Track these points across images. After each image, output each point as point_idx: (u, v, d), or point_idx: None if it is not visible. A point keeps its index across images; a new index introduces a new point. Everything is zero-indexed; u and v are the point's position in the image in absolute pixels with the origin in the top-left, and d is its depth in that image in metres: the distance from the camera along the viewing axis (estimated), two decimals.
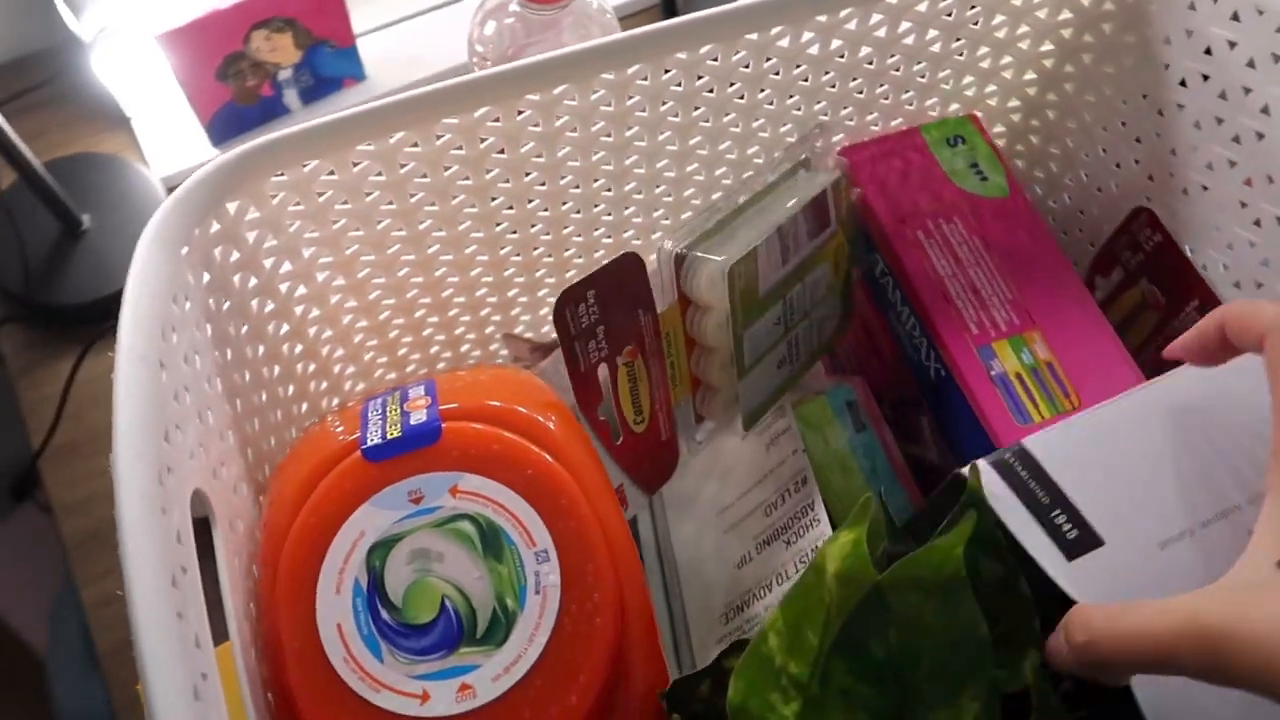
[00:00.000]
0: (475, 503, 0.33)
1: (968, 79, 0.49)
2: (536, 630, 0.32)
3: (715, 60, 0.41)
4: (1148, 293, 0.48)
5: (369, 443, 0.33)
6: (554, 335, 0.52)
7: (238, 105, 0.64)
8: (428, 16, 0.73)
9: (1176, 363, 0.35)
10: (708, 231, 0.42)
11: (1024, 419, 0.43)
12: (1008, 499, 0.33)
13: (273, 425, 0.41)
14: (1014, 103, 0.52)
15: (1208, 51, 0.42)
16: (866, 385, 0.49)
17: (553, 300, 0.50)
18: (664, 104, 0.42)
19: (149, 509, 0.27)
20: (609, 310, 0.38)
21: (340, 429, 0.35)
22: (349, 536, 0.32)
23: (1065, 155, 0.52)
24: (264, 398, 0.41)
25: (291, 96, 0.66)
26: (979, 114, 0.51)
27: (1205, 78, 0.43)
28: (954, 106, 0.50)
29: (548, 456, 0.34)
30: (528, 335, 0.53)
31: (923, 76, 0.48)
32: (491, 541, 0.32)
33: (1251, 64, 0.40)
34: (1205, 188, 0.45)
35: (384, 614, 0.31)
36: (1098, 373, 0.44)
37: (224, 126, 0.65)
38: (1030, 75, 0.49)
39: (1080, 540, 0.33)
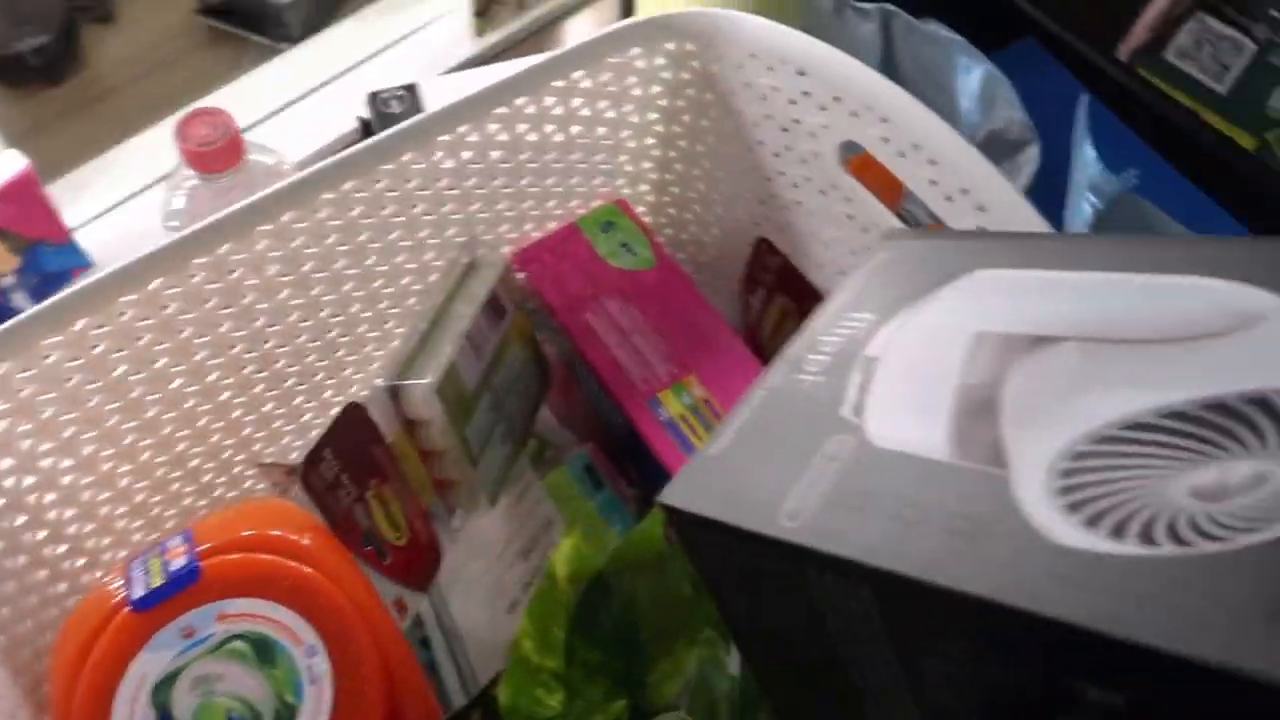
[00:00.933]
0: (242, 623, 0.37)
1: (597, 179, 0.57)
2: (317, 712, 0.36)
3: (362, 192, 0.48)
4: (785, 304, 0.57)
5: (135, 596, 0.37)
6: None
7: None
8: (150, 192, 0.78)
9: None
10: (408, 358, 0.48)
11: (691, 452, 0.50)
12: None
13: (29, 609, 0.45)
14: (644, 187, 0.61)
15: (763, 98, 0.51)
16: (597, 446, 0.56)
17: (291, 426, 0.55)
18: (327, 239, 0.48)
19: None
20: (347, 458, 0.43)
21: (106, 592, 0.39)
22: (131, 684, 0.36)
23: (699, 210, 0.61)
24: (12, 587, 0.44)
25: (21, 298, 0.69)
26: (625, 197, 0.59)
27: (769, 117, 0.52)
28: (595, 203, 0.59)
29: (302, 566, 0.39)
30: (279, 461, 0.58)
31: (559, 186, 0.56)
32: (264, 651, 0.37)
33: (792, 101, 0.50)
34: (799, 203, 0.54)
35: None
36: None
37: None
38: (649, 141, 0.58)
39: None
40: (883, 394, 0.32)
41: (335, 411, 0.43)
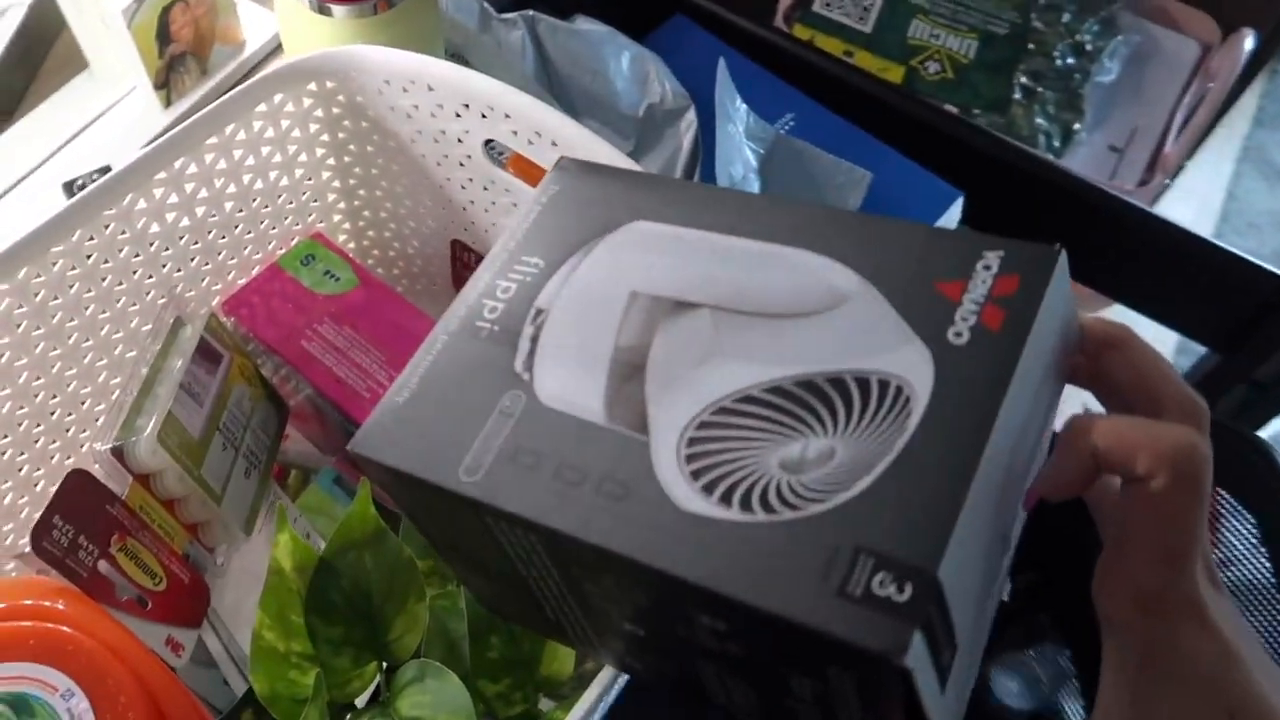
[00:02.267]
0: None
1: (289, 219, 0.62)
2: None
3: (40, 276, 0.50)
4: None
5: None
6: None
7: None
8: None
9: None
10: (126, 420, 0.51)
11: None
12: (925, 667, 0.27)
13: None
14: (337, 217, 0.65)
15: (409, 115, 0.57)
16: (344, 459, 0.60)
17: (25, 500, 0.57)
18: (19, 327, 0.51)
19: None
20: (80, 522, 0.46)
21: None
22: None
23: (395, 227, 0.66)
24: None
25: None
26: (321, 229, 0.64)
27: (421, 132, 0.58)
28: (295, 240, 0.63)
29: (47, 624, 0.42)
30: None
31: (250, 232, 0.60)
32: (22, 707, 0.40)
33: (433, 114, 0.56)
34: (473, 202, 0.60)
35: None
36: None
37: None
38: (326, 175, 0.62)
39: (950, 657, 0.29)
40: (549, 349, 0.34)
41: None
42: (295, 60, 0.55)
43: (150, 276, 0.56)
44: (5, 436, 0.53)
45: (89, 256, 0.52)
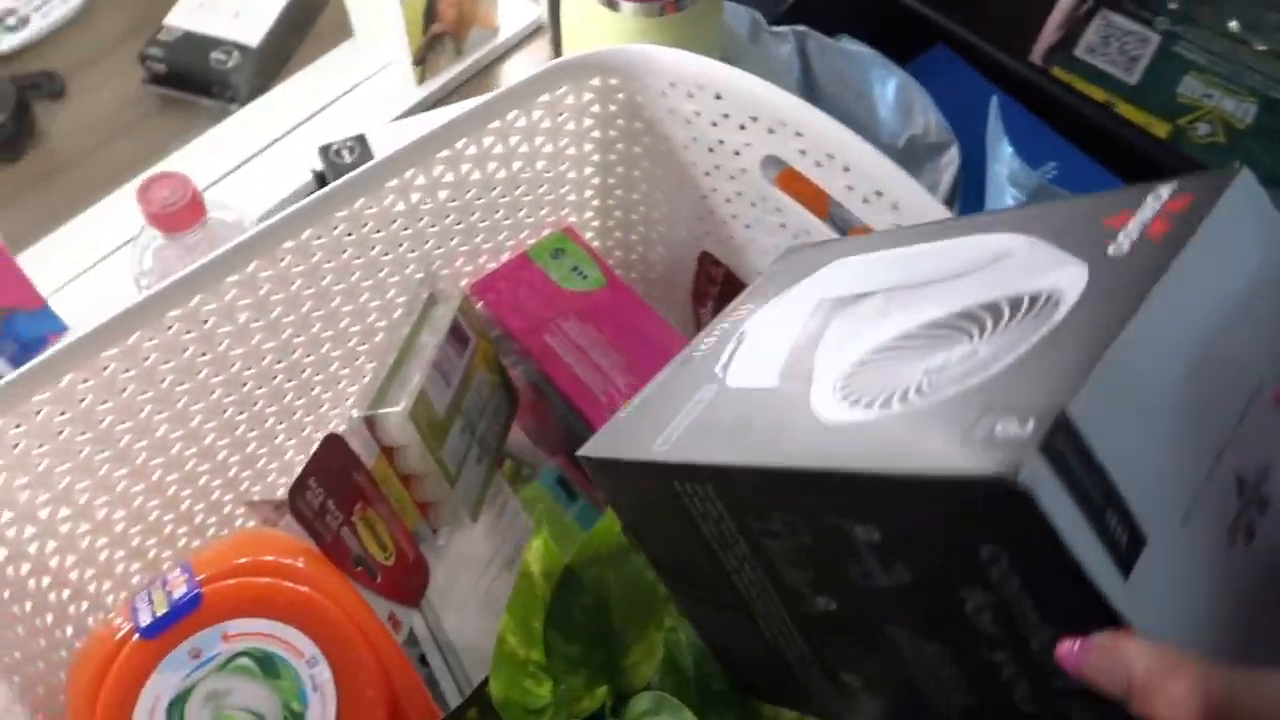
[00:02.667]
0: (246, 641, 0.40)
1: (544, 210, 0.61)
2: (323, 717, 0.39)
3: (321, 239, 0.51)
4: None
5: (142, 624, 0.40)
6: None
7: None
8: (115, 257, 0.80)
9: None
10: (380, 390, 0.52)
11: None
12: (1061, 503, 0.25)
13: (38, 651, 0.47)
14: (589, 214, 0.65)
15: (688, 121, 0.55)
16: (567, 459, 0.60)
17: (275, 464, 0.58)
18: (293, 285, 0.52)
19: None
20: (330, 486, 0.46)
21: (113, 626, 0.41)
22: (146, 705, 0.39)
23: (643, 231, 0.65)
24: (21, 631, 0.47)
25: (1, 365, 0.72)
26: (572, 224, 0.63)
27: (695, 139, 0.56)
28: (545, 232, 0.62)
29: (297, 585, 0.42)
30: (266, 498, 0.61)
31: (508, 219, 0.59)
32: (268, 665, 0.40)
33: (714, 123, 0.54)
34: (735, 216, 0.58)
35: None
36: None
37: None
38: (589, 171, 0.62)
39: (1131, 544, 0.26)
40: (744, 352, 0.40)
41: (316, 445, 0.47)
42: (586, 54, 0.55)
43: (413, 251, 0.56)
44: (260, 388, 0.54)
45: (365, 225, 0.52)
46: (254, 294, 0.50)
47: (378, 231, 0.54)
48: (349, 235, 0.52)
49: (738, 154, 0.54)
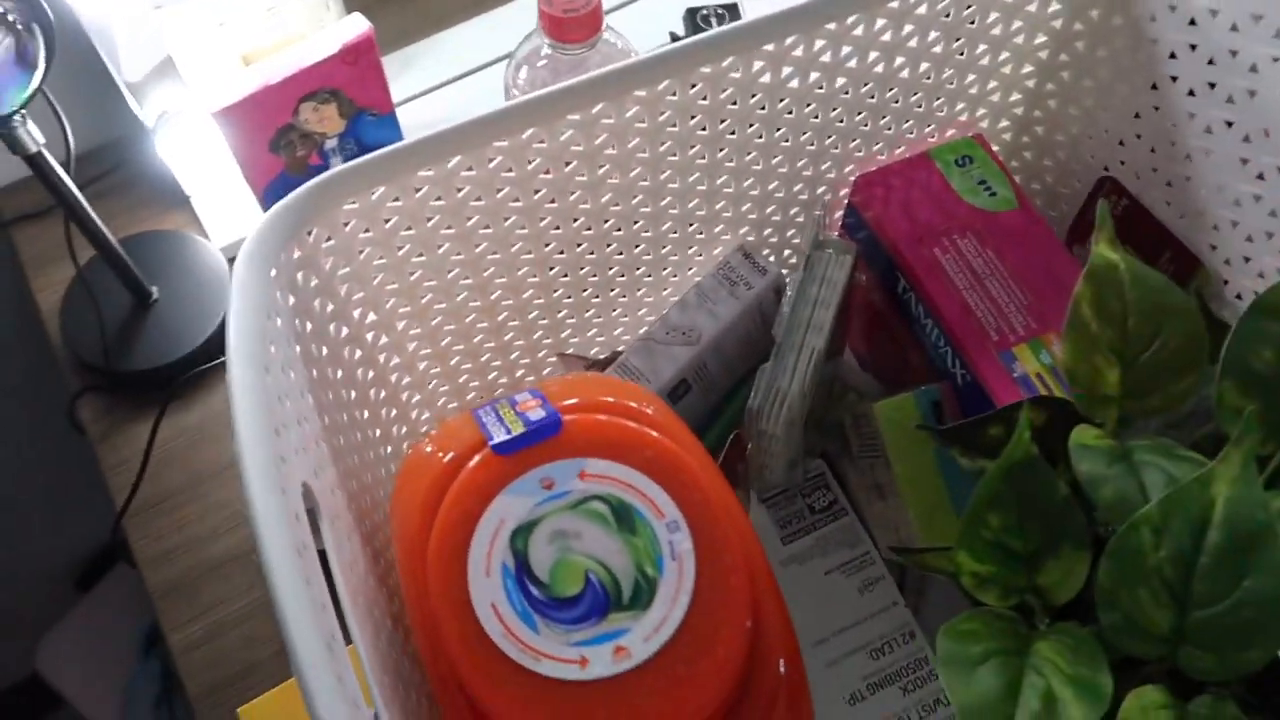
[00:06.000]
0: (603, 484, 0.35)
1: (960, 104, 0.52)
2: (678, 592, 0.34)
3: (737, 73, 0.45)
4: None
5: (496, 439, 0.35)
6: (605, 353, 0.55)
7: (289, 175, 0.68)
8: (457, 84, 0.78)
9: None
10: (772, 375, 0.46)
11: None
12: None
13: (355, 444, 0.44)
14: (1004, 123, 0.55)
15: (1192, 22, 0.45)
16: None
17: (600, 319, 0.53)
18: (693, 117, 0.46)
19: (270, 486, 0.30)
20: None
21: (457, 436, 0.37)
22: (491, 524, 0.34)
23: (1062, 157, 0.55)
24: (345, 418, 0.44)
25: (337, 164, 0.71)
26: (983, 130, 0.54)
27: (1193, 47, 0.46)
28: (950, 132, 0.54)
29: (661, 437, 0.36)
30: (579, 354, 0.56)
31: (919, 106, 0.51)
32: (624, 517, 0.35)
33: (1235, 28, 0.43)
34: (1207, 152, 0.47)
35: (534, 590, 0.33)
36: None
37: (276, 196, 0.69)
38: (1027, 69, 0.52)
39: None
40: None
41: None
42: None
43: (814, 119, 0.49)
44: (674, 232, 0.49)
45: (777, 73, 0.46)
46: (653, 117, 0.45)
47: (790, 83, 0.47)
48: (762, 77, 0.46)
49: (1254, 71, 0.43)
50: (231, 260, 0.69)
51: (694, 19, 0.75)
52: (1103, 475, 0.37)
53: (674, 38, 0.77)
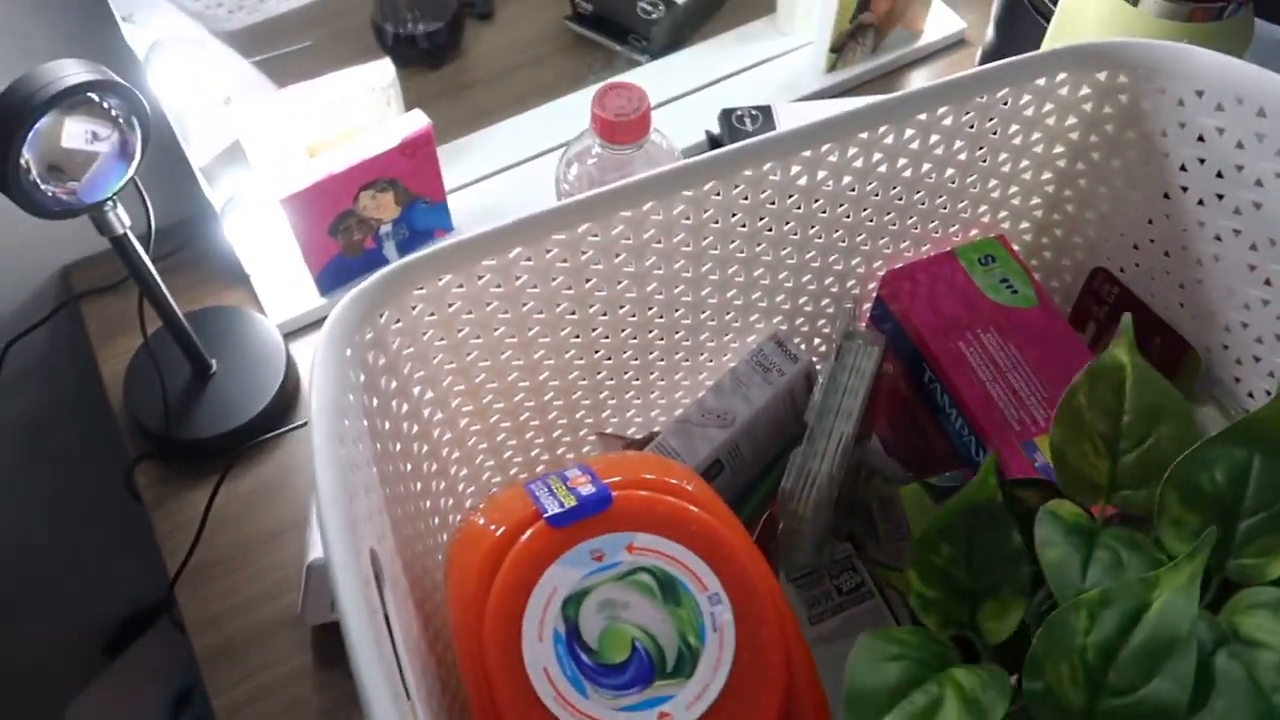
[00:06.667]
0: (650, 557, 0.38)
1: (983, 207, 0.56)
2: (719, 662, 0.36)
3: (776, 175, 0.48)
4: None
5: (550, 512, 0.38)
6: (641, 433, 0.58)
7: (345, 257, 0.72)
8: (506, 174, 0.83)
9: None
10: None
11: None
12: None
13: (409, 514, 0.47)
14: (1024, 224, 0.59)
15: (1200, 139, 0.48)
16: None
17: (639, 400, 0.56)
18: (734, 215, 0.49)
19: (348, 549, 0.32)
20: None
21: (508, 509, 0.40)
22: (545, 591, 0.37)
23: (1080, 258, 0.58)
24: (401, 489, 0.46)
25: (390, 248, 0.75)
26: (1004, 231, 0.57)
27: (1202, 161, 0.49)
28: (974, 232, 0.57)
29: (703, 513, 0.39)
30: (617, 434, 0.59)
31: (945, 208, 0.55)
32: (669, 589, 0.37)
33: (1240, 145, 0.47)
34: (1217, 257, 0.50)
35: (584, 657, 0.35)
36: None
37: (332, 278, 0.73)
38: (1046, 176, 0.56)
39: None
40: None
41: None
42: (1101, 42, 0.49)
43: (848, 216, 0.53)
44: (713, 320, 0.52)
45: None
46: (698, 214, 0.48)
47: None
48: (801, 180, 0.49)
49: (1260, 185, 0.47)
50: (287, 336, 0.73)
51: (729, 119, 0.80)
52: (1052, 540, 0.40)
53: (710, 136, 0.81)
